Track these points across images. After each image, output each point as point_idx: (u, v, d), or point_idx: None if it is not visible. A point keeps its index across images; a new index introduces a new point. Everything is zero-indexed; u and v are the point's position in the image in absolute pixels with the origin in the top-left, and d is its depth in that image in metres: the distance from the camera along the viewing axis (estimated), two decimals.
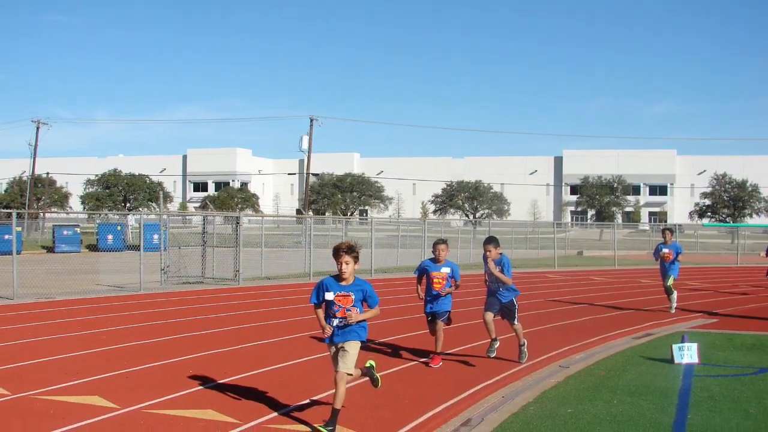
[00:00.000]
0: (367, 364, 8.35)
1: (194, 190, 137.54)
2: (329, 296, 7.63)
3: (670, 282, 17.77)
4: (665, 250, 17.79)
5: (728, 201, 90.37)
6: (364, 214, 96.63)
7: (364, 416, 8.10)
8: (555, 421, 7.91)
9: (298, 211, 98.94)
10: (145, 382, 9.64)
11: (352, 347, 7.65)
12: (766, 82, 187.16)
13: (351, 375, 7.67)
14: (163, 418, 7.96)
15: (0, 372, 10.18)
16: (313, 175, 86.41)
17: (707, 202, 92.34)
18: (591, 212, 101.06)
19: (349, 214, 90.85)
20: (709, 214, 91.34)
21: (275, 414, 8.16)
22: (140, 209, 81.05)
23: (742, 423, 7.87)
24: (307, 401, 8.72)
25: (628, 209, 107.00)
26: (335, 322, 7.63)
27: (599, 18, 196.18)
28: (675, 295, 18.05)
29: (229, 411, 8.20)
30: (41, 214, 73.79)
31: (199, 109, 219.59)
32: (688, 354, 11.09)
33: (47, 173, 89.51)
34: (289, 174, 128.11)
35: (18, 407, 8.37)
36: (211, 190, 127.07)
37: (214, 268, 26.16)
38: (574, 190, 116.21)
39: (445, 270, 11.08)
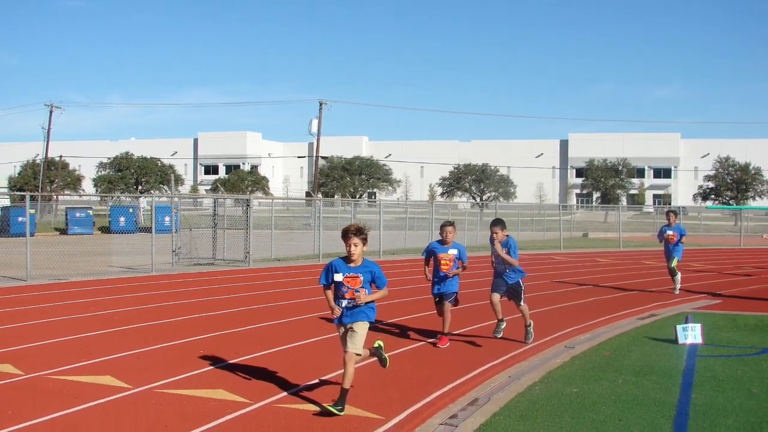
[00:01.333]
0: (376, 345, 8.41)
1: (205, 173, 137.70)
2: (338, 277, 7.69)
3: (674, 263, 17.82)
4: (669, 232, 17.82)
5: (731, 184, 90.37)
6: (373, 197, 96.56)
7: (372, 396, 8.18)
8: (560, 400, 7.98)
9: (308, 194, 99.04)
10: (157, 362, 9.76)
11: (361, 328, 7.72)
12: None
13: (360, 355, 7.73)
14: (175, 397, 8.06)
15: (14, 352, 10.32)
16: (323, 158, 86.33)
17: (711, 184, 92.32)
18: (596, 195, 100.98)
19: (357, 196, 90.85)
20: (712, 196, 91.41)
21: (285, 393, 8.25)
22: (152, 192, 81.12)
23: (745, 402, 7.93)
24: (317, 381, 8.80)
25: (632, 192, 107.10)
26: (344, 303, 7.69)
27: (604, 3, 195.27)
28: (679, 276, 18.09)
29: (240, 390, 8.29)
30: (54, 196, 73.95)
31: (209, 93, 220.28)
32: (691, 334, 11.15)
33: (60, 156, 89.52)
34: (298, 157, 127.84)
35: (31, 387, 8.48)
36: (222, 172, 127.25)
37: (224, 249, 26.30)
38: (579, 173, 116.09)
39: (453, 252, 11.16)
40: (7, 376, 8.94)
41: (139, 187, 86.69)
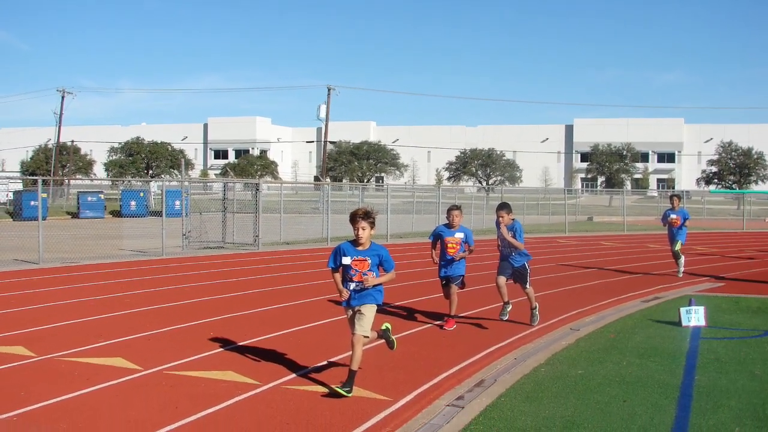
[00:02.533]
0: (383, 327, 8.48)
1: (215, 158, 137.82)
2: (346, 261, 7.75)
3: (678, 247, 17.84)
4: (673, 216, 17.84)
5: (734, 168, 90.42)
6: (380, 181, 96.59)
7: (380, 377, 8.25)
8: (566, 382, 8.06)
9: (316, 178, 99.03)
10: (167, 344, 9.85)
11: (369, 310, 7.78)
12: None
13: (367, 337, 7.80)
14: (185, 379, 8.14)
15: (26, 334, 10.43)
16: (331, 143, 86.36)
17: (714, 169, 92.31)
18: (601, 179, 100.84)
19: (365, 180, 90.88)
20: (715, 180, 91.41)
21: (294, 375, 8.33)
22: (162, 176, 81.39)
23: (748, 384, 7.99)
24: (325, 363, 8.88)
25: (636, 176, 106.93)
26: (352, 285, 7.76)
27: None
28: (682, 259, 18.10)
29: (250, 372, 8.37)
30: (66, 180, 74.25)
31: (220, 79, 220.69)
32: (695, 317, 11.20)
33: (72, 141, 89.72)
34: (307, 142, 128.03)
35: (44, 369, 8.57)
36: (232, 157, 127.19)
37: (234, 233, 26.41)
38: (584, 157, 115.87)
39: (459, 235, 11.21)
40: (19, 358, 9.04)
41: (150, 172, 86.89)
